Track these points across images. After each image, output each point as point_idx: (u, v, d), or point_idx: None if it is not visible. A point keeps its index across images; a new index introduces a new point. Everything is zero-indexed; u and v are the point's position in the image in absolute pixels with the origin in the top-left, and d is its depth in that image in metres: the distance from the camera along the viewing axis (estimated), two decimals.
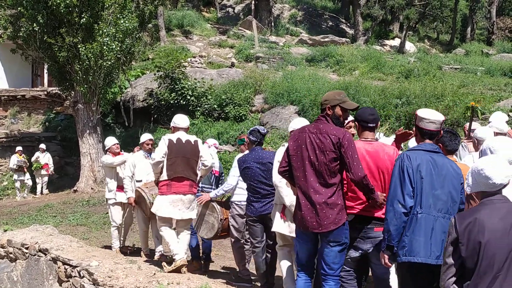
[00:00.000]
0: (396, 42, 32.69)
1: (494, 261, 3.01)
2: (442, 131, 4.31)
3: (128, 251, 8.80)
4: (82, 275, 5.97)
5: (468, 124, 8.00)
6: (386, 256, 4.07)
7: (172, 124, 6.95)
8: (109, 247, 9.07)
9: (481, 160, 3.41)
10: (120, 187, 8.65)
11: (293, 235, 4.89)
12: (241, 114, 18.83)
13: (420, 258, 3.90)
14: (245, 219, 6.56)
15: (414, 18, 31.84)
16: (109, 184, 8.91)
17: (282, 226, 5.36)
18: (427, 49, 33.36)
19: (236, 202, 6.78)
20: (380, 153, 4.57)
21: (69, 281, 6.37)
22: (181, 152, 6.54)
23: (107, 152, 8.97)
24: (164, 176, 6.50)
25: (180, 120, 6.90)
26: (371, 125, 4.64)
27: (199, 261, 7.72)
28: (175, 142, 6.58)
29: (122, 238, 9.08)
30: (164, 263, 6.49)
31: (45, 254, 6.99)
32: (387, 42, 33.03)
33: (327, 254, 4.36)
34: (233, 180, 6.74)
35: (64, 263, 6.48)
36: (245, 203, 6.40)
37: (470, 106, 13.15)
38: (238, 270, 6.99)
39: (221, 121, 18.67)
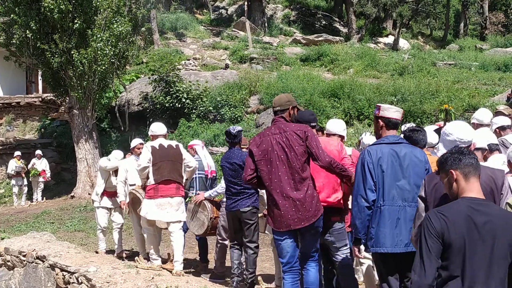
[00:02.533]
0: (390, 39, 32.74)
1: None
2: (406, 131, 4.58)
3: (124, 255, 8.79)
4: (80, 281, 5.96)
5: (442, 123, 8.40)
6: (356, 249, 4.35)
7: (150, 133, 7.18)
8: (110, 252, 9.09)
9: (446, 126, 3.76)
10: (108, 193, 8.86)
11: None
12: (236, 116, 18.82)
13: (386, 248, 4.11)
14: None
15: (407, 15, 31.88)
16: (97, 187, 9.02)
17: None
18: (421, 46, 33.43)
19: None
20: (327, 146, 4.98)
21: (67, 287, 6.35)
22: (165, 157, 6.76)
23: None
24: (151, 181, 6.72)
25: (157, 128, 7.15)
26: (313, 124, 5.17)
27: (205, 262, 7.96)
28: (157, 148, 6.81)
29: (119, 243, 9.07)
30: (137, 258, 6.98)
31: (43, 261, 6.97)
32: (380, 39, 33.07)
33: (309, 244, 4.60)
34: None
35: (62, 270, 6.46)
36: None
37: (444, 109, 14.37)
38: (215, 266, 7.24)
39: (217, 123, 18.65)
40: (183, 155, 6.96)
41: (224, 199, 6.96)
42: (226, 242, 7.01)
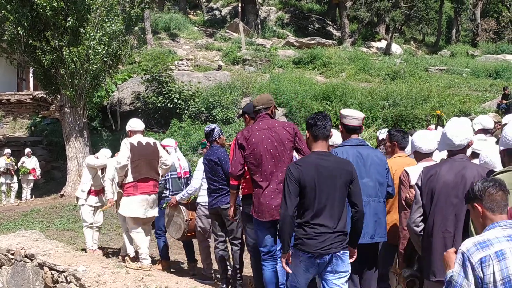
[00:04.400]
0: (383, 44, 32.89)
1: (445, 207, 3.70)
2: (362, 127, 4.91)
3: (105, 253, 8.79)
4: (69, 280, 5.91)
5: (433, 126, 8.78)
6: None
7: (128, 128, 7.25)
8: (100, 249, 9.05)
9: (447, 124, 4.03)
10: (94, 191, 8.88)
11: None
12: (228, 117, 18.81)
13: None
14: (210, 219, 6.79)
15: (400, 20, 32.08)
16: (83, 185, 8.97)
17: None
18: (413, 51, 33.62)
19: (201, 203, 6.96)
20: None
21: (56, 286, 6.29)
22: (143, 154, 6.89)
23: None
24: (129, 179, 6.83)
25: (135, 123, 7.27)
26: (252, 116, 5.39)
27: (168, 260, 7.98)
28: (136, 145, 6.92)
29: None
30: (127, 258, 7.11)
31: (32, 260, 6.91)
32: (373, 44, 33.22)
33: None
34: (196, 183, 6.97)
35: (50, 269, 6.41)
36: None
37: (436, 115, 14.91)
38: (203, 267, 7.24)
39: (209, 124, 18.62)
40: (160, 152, 7.13)
41: (198, 200, 7.04)
42: (208, 243, 7.06)
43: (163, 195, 7.73)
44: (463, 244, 2.73)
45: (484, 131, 5.92)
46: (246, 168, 4.96)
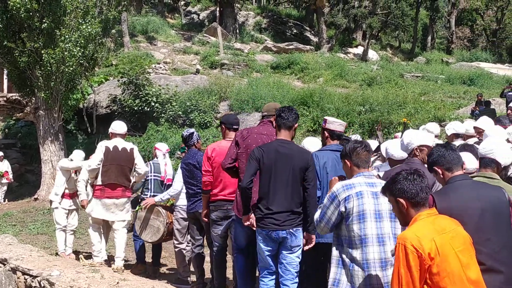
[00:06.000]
0: (360, 50, 33.22)
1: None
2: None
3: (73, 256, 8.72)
4: (42, 285, 5.83)
5: (399, 134, 9.11)
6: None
7: (110, 130, 7.31)
8: (74, 253, 8.96)
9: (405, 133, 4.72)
10: (68, 194, 8.80)
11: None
12: (206, 121, 18.78)
13: (327, 239, 4.50)
14: (187, 222, 6.82)
15: (376, 27, 32.48)
16: (56, 188, 8.88)
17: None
18: (390, 57, 34.02)
19: (180, 206, 6.97)
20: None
21: None
22: (116, 160, 7.00)
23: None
24: (98, 181, 7.01)
25: (118, 126, 7.30)
26: (235, 127, 5.75)
27: (144, 264, 8.00)
28: (111, 149, 7.02)
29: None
30: (81, 256, 7.45)
31: (4, 264, 6.79)
32: (350, 50, 33.53)
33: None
34: (178, 185, 6.95)
35: (24, 273, 6.31)
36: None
37: (403, 122, 15.63)
38: (178, 272, 7.21)
39: (187, 128, 18.57)
40: (135, 159, 7.20)
41: (176, 203, 7.06)
42: (183, 246, 7.03)
43: (144, 195, 7.72)
44: (335, 186, 3.70)
45: (456, 135, 6.09)
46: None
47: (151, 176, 7.78)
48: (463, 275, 2.81)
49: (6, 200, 17.40)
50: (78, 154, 9.19)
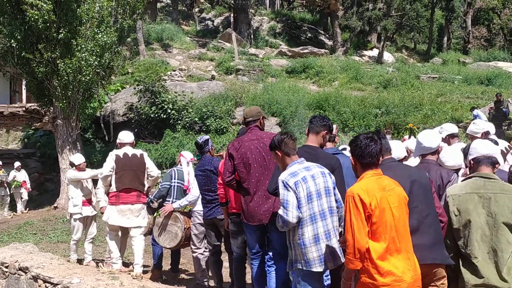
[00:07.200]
0: (375, 52, 33.07)
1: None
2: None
3: (94, 264, 8.78)
4: None
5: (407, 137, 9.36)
6: None
7: (118, 141, 7.54)
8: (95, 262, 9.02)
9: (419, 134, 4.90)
10: (86, 201, 8.95)
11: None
12: (222, 127, 18.83)
13: None
14: (204, 227, 6.88)
15: (391, 29, 32.30)
16: (74, 199, 8.95)
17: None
18: (405, 59, 33.81)
19: (197, 211, 7.04)
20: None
21: None
22: (128, 166, 7.13)
23: (73, 168, 9.00)
24: (113, 188, 7.12)
25: (125, 136, 7.53)
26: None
27: (160, 269, 8.05)
28: (121, 156, 7.17)
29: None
30: (101, 264, 7.42)
31: (26, 273, 6.88)
32: (365, 52, 33.40)
33: (276, 238, 4.96)
34: (196, 192, 7.00)
35: (45, 281, 6.38)
36: None
37: (409, 128, 15.75)
38: (196, 277, 7.26)
39: (203, 134, 18.64)
40: (147, 164, 7.35)
41: (193, 209, 7.12)
42: (201, 251, 7.07)
43: (166, 201, 7.74)
44: (281, 175, 4.12)
45: (452, 136, 6.11)
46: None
47: (174, 182, 7.78)
48: (393, 226, 3.40)
49: (28, 209, 17.61)
50: (77, 158, 9.22)
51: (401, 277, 3.37)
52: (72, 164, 9.15)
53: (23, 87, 22.55)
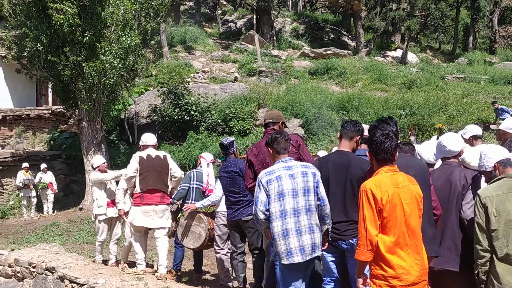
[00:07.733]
0: (398, 53, 32.77)
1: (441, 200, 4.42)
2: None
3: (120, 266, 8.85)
4: None
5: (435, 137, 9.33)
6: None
7: (140, 143, 7.56)
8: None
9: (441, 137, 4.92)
10: (110, 202, 8.94)
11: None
12: (245, 128, 18.84)
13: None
14: (227, 229, 6.90)
15: (415, 29, 31.92)
16: (99, 200, 8.99)
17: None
18: (430, 59, 33.41)
19: (221, 212, 7.04)
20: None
21: None
22: (151, 167, 7.16)
23: (96, 170, 9.07)
24: (137, 189, 7.14)
25: (147, 138, 7.55)
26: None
27: (177, 271, 8.10)
28: (145, 158, 7.20)
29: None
30: (125, 265, 7.45)
31: (52, 273, 6.97)
32: (389, 53, 33.12)
33: None
34: (219, 192, 7.01)
35: (71, 281, 6.46)
36: None
37: (438, 128, 15.60)
38: (220, 278, 7.26)
39: (226, 136, 18.66)
40: (170, 165, 7.35)
41: (217, 210, 7.12)
42: (224, 252, 7.08)
43: (185, 203, 7.78)
44: (260, 173, 4.43)
45: (475, 137, 6.02)
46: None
47: (193, 184, 7.85)
48: (403, 221, 3.56)
49: (55, 211, 17.82)
50: (97, 160, 9.27)
51: (409, 270, 3.55)
52: (93, 166, 9.24)
53: (49, 90, 22.88)
